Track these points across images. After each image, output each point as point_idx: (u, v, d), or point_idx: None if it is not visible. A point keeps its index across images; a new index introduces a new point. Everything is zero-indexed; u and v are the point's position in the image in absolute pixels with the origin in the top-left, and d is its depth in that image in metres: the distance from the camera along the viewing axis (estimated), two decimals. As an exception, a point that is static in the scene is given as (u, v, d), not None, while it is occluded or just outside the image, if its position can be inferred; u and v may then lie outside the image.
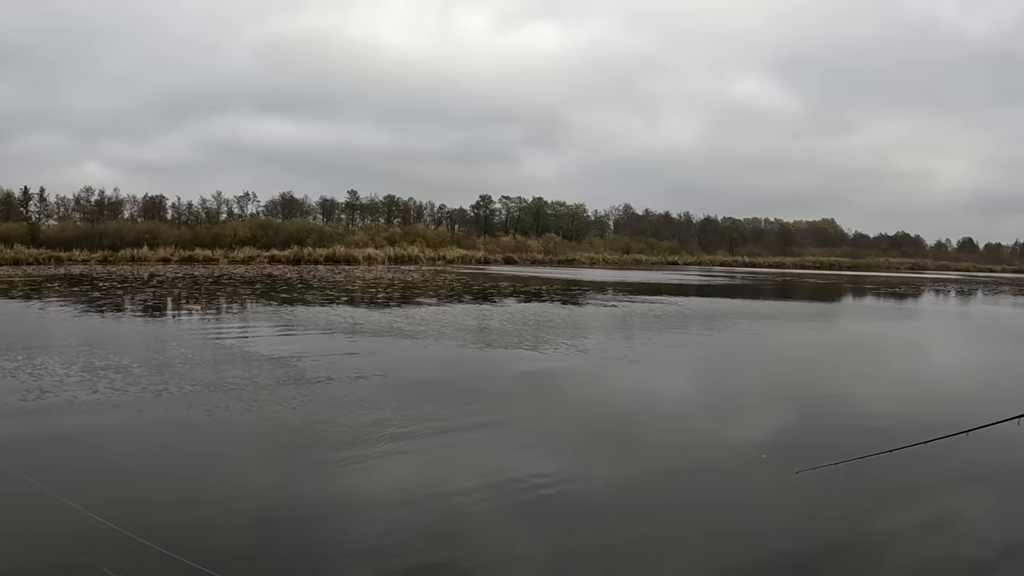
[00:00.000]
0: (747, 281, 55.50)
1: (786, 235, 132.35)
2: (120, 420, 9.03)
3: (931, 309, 35.09)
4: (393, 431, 8.75)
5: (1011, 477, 7.75)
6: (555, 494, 6.87)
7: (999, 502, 7.08)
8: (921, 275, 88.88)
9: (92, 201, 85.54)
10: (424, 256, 75.85)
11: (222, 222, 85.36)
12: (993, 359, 18.00)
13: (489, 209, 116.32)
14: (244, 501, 6.58)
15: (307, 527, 5.93)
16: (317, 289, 33.04)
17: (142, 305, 24.10)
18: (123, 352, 13.69)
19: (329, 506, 6.46)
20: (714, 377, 13.93)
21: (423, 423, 9.18)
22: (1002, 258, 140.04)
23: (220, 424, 9.01)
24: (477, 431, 9.04)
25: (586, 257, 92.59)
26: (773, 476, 7.61)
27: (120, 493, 6.57)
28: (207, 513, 6.25)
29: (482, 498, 6.77)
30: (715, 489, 7.26)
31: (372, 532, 5.93)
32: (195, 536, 5.69)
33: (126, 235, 65.62)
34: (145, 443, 8.18)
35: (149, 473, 7.17)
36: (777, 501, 6.98)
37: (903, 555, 5.74)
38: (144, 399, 10.01)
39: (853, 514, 6.54)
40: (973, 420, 6.43)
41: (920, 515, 6.59)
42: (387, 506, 6.49)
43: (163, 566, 5.08)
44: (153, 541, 5.37)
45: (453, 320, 20.86)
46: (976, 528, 6.38)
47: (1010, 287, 59.48)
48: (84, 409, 9.45)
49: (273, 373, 12.04)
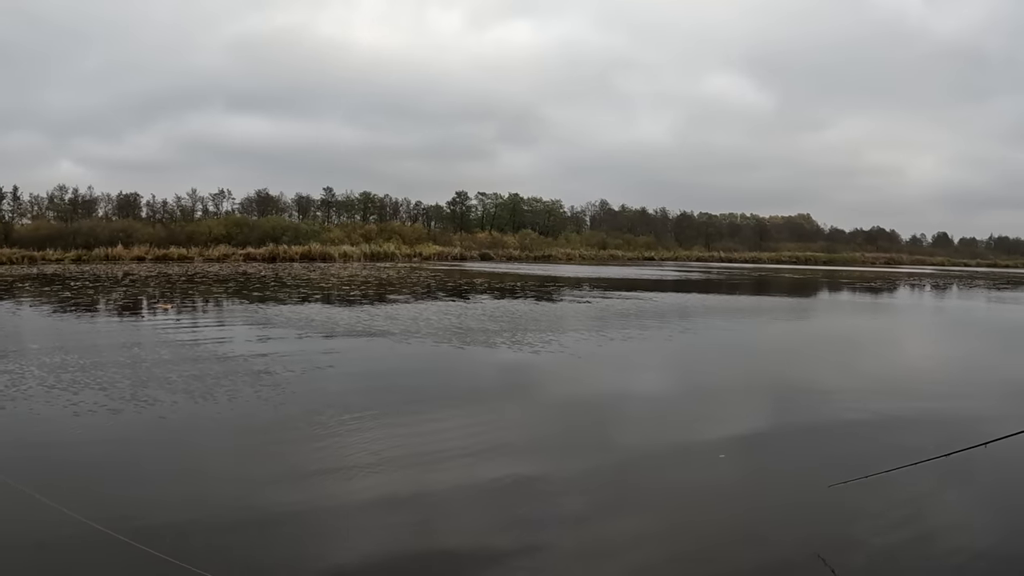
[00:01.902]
0: (723, 276, 55.77)
1: (762, 230, 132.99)
2: (83, 421, 8.85)
3: (905, 304, 35.45)
4: (368, 428, 8.73)
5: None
6: (531, 488, 6.92)
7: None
8: (896, 269, 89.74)
9: (66, 200, 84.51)
10: (400, 253, 75.53)
11: (197, 220, 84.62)
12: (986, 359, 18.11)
13: (465, 205, 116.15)
14: (219, 499, 6.53)
15: (282, 525, 5.95)
16: (290, 287, 32.83)
17: (112, 305, 23.82)
18: (87, 352, 13.49)
19: (304, 504, 6.42)
20: (685, 373, 13.96)
21: (398, 420, 9.16)
22: (976, 252, 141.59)
23: (188, 424, 8.90)
24: (452, 427, 9.02)
25: (562, 253, 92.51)
26: (744, 471, 7.70)
27: (90, 490, 6.54)
28: (182, 511, 6.17)
29: (459, 494, 6.80)
30: (687, 481, 7.30)
31: (349, 529, 5.96)
32: (170, 534, 5.64)
33: (100, 234, 64.76)
34: (110, 443, 8.05)
35: (116, 472, 7.12)
36: (753, 497, 6.99)
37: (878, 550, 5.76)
38: (107, 400, 9.84)
39: (830, 505, 6.56)
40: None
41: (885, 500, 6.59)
42: (364, 501, 6.53)
43: (137, 561, 5.06)
44: (124, 535, 5.31)
45: (427, 317, 20.73)
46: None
47: (985, 281, 60.08)
48: (43, 411, 9.27)
49: (240, 373, 11.89)
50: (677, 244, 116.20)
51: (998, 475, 7.45)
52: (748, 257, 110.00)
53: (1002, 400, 11.62)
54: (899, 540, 5.90)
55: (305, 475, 7.20)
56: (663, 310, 25.22)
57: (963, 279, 63.53)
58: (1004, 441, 6.00)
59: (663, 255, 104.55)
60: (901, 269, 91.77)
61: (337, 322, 19.36)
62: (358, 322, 19.41)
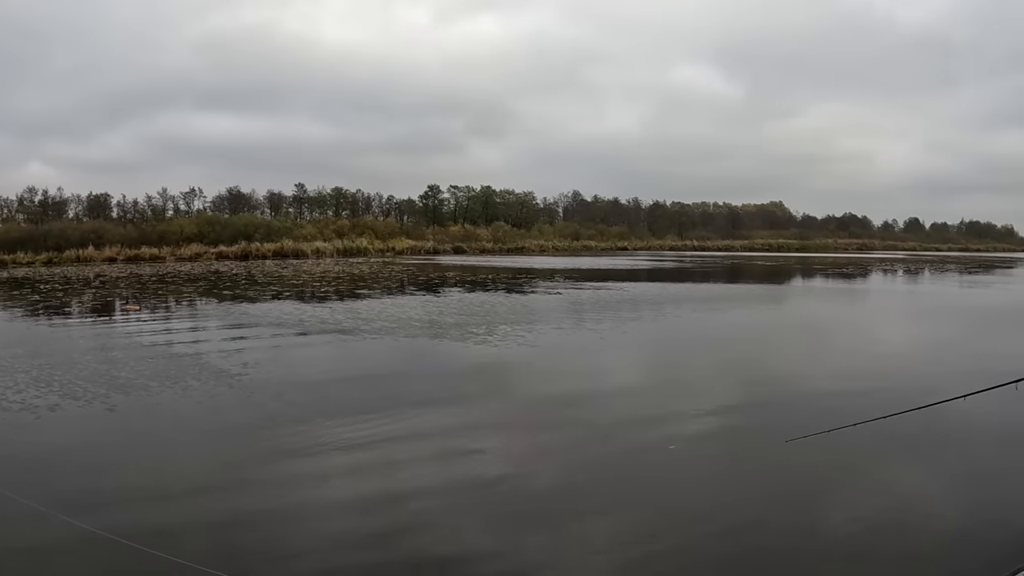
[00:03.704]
0: (696, 265, 56.02)
1: (735, 218, 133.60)
2: (44, 423, 8.78)
3: (873, 288, 35.87)
4: (342, 424, 8.76)
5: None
6: (506, 481, 7.01)
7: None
8: (869, 255, 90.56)
9: (36, 201, 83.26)
10: (373, 248, 75.20)
11: (168, 219, 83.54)
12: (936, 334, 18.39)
13: (438, 199, 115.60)
14: (194, 496, 6.55)
15: (255, 521, 6.02)
16: (261, 285, 32.59)
17: (80, 307, 23.56)
18: (53, 355, 13.38)
19: (275, 501, 6.46)
20: (658, 362, 14.12)
21: (370, 417, 9.14)
22: (948, 237, 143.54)
23: (154, 424, 8.88)
24: (425, 423, 9.08)
25: (535, 245, 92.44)
26: (718, 455, 7.93)
27: (52, 485, 6.57)
28: (158, 508, 6.21)
29: (434, 489, 6.81)
30: (660, 471, 7.39)
31: (324, 524, 5.99)
32: (147, 530, 5.66)
33: (71, 235, 63.83)
34: (75, 441, 8.00)
35: (79, 468, 7.16)
36: (726, 479, 7.19)
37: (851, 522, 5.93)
38: (70, 401, 9.77)
39: (802, 490, 6.72)
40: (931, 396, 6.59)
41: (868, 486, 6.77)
42: (337, 497, 6.58)
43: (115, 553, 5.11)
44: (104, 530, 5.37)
45: (399, 313, 20.69)
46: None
47: (956, 265, 60.79)
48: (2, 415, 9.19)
49: (207, 372, 11.84)
50: (650, 234, 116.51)
51: (935, 434, 8.41)
52: (721, 245, 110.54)
53: (955, 372, 12.08)
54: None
55: (277, 472, 7.21)
56: (636, 300, 25.34)
57: (934, 264, 64.34)
58: (943, 405, 6.63)
59: (636, 245, 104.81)
60: (873, 255, 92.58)
61: (307, 319, 19.27)
62: (328, 319, 19.33)
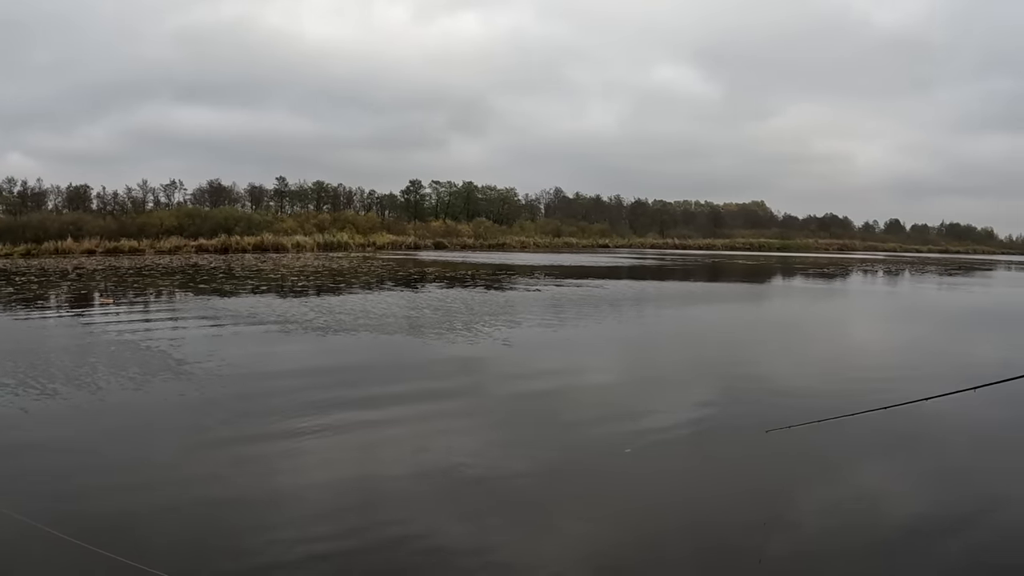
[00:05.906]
0: (677, 263, 56.19)
1: (716, 217, 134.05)
2: (11, 421, 8.64)
3: (851, 289, 36.15)
4: (319, 419, 8.72)
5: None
6: (482, 476, 7.03)
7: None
8: (849, 255, 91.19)
9: (14, 192, 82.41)
10: (354, 243, 74.83)
11: (148, 212, 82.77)
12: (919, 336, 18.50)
13: (419, 194, 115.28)
14: (168, 489, 6.51)
15: (236, 514, 6.06)
16: (239, 278, 32.38)
17: (55, 299, 23.35)
18: (15, 348, 13.22)
19: (256, 492, 6.49)
20: (636, 359, 14.13)
21: (346, 412, 9.14)
22: (928, 239, 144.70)
23: (129, 418, 8.82)
24: (403, 417, 9.11)
25: (517, 241, 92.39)
26: (689, 451, 7.99)
27: (31, 488, 6.48)
28: (131, 503, 6.18)
29: (409, 482, 6.85)
30: (630, 466, 7.41)
31: (300, 517, 5.98)
32: (119, 526, 5.69)
33: (50, 227, 63.20)
34: (43, 437, 7.88)
35: (48, 468, 7.04)
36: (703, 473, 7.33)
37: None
38: (38, 396, 9.63)
39: (772, 486, 6.71)
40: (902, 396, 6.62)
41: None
42: (315, 491, 6.58)
43: (83, 558, 4.99)
44: (71, 535, 5.22)
45: (377, 309, 20.60)
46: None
47: (936, 267, 61.33)
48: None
49: (180, 367, 11.71)
50: (632, 231, 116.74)
51: (909, 429, 8.69)
52: (702, 244, 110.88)
53: (928, 372, 12.39)
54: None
55: (250, 464, 7.20)
56: (616, 297, 25.38)
57: (914, 265, 64.82)
58: (917, 404, 6.70)
59: (618, 242, 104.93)
60: (854, 255, 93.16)
61: (284, 314, 19.12)
62: (306, 314, 19.19)
